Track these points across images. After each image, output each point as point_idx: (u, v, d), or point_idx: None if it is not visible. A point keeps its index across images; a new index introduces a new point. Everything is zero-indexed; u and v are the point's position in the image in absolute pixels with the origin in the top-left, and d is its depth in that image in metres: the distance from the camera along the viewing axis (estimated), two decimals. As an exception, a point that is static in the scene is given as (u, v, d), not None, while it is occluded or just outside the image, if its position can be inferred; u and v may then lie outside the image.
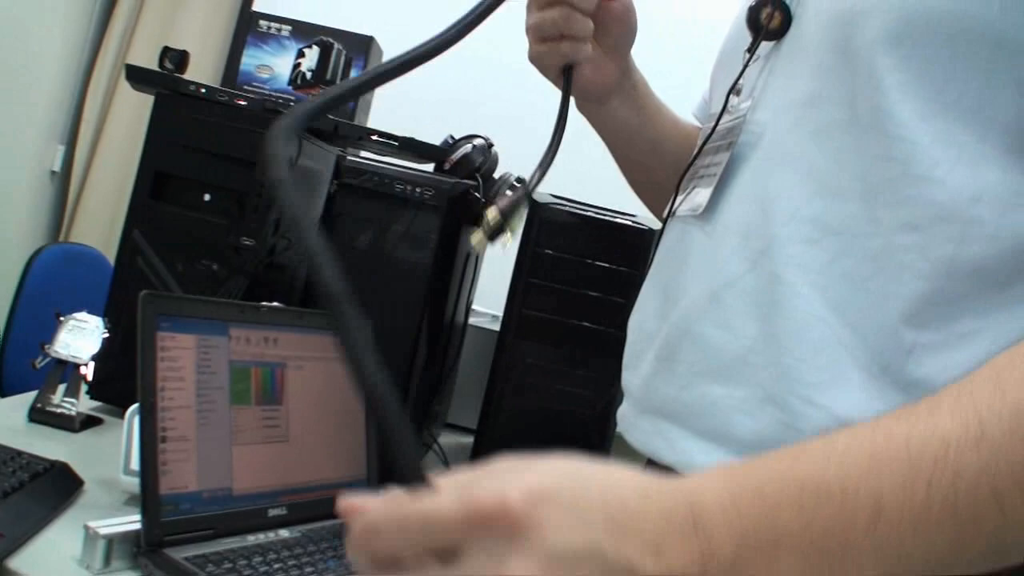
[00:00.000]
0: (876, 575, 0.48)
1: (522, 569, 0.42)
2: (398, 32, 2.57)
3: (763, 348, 0.72)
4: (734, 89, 0.83)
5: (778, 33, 0.79)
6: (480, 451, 1.42)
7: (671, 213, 0.89)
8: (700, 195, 0.82)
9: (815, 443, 0.50)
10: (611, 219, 1.39)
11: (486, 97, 2.96)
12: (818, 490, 0.47)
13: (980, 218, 0.63)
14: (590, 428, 1.38)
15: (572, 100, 1.00)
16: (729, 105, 0.84)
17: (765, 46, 0.81)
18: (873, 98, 0.67)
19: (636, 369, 0.87)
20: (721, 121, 0.84)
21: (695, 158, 0.87)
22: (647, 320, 0.87)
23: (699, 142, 0.88)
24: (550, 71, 1.00)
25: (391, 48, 2.00)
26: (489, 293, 1.84)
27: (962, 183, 0.64)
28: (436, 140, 1.59)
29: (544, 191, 1.49)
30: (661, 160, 1.03)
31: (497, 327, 1.94)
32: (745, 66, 0.82)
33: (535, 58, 0.99)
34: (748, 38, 0.81)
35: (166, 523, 0.94)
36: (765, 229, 0.73)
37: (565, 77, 0.99)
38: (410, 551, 0.44)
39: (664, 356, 0.81)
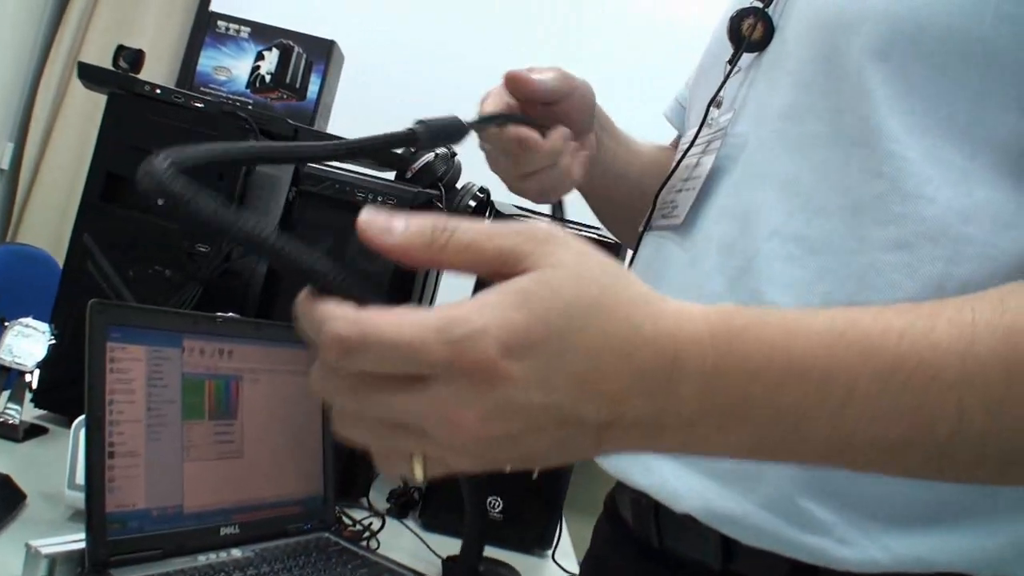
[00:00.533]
0: (813, 455, 0.49)
1: (476, 414, 0.43)
2: (360, 36, 2.55)
3: None
4: (714, 101, 0.81)
5: (760, 44, 0.77)
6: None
7: (647, 227, 0.87)
8: (678, 209, 0.80)
9: (818, 320, 0.49)
10: (575, 232, 1.37)
11: (450, 105, 2.93)
12: (801, 371, 0.47)
13: (970, 237, 0.62)
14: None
15: None
16: (709, 118, 0.81)
17: (747, 58, 0.79)
18: (861, 111, 0.66)
19: None
20: (701, 134, 0.82)
21: (673, 171, 0.85)
22: None
23: (677, 156, 0.86)
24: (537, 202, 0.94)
25: (353, 53, 1.97)
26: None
27: (953, 201, 0.62)
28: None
29: (507, 203, 1.47)
30: (642, 195, 1.00)
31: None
32: (726, 78, 0.80)
33: (521, 195, 0.92)
34: (729, 49, 0.79)
35: (112, 542, 0.90)
36: (746, 245, 0.71)
37: (556, 209, 0.93)
38: (378, 371, 0.44)
39: None
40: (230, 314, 1.12)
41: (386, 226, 0.45)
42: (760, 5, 0.77)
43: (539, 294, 0.43)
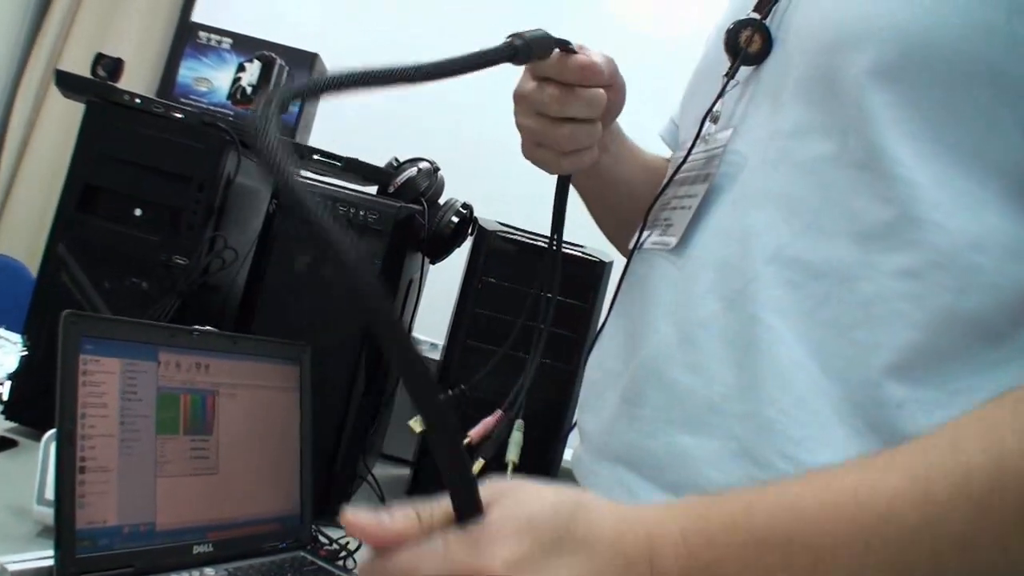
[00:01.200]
0: None
1: None
2: (343, 49, 2.53)
3: (739, 396, 0.68)
4: (711, 116, 0.79)
5: (758, 57, 0.75)
6: (418, 485, 1.37)
7: (638, 246, 0.85)
8: (673, 228, 0.78)
9: (772, 491, 0.51)
10: (565, 248, 1.35)
11: (435, 118, 2.92)
12: (764, 542, 0.48)
13: (980, 266, 0.60)
14: (533, 465, 1.34)
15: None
16: (705, 133, 0.80)
17: (744, 71, 0.77)
18: (866, 134, 0.64)
19: (596, 411, 0.82)
20: (696, 150, 0.80)
21: (665, 187, 0.83)
22: (609, 359, 0.83)
23: (670, 171, 0.84)
24: (549, 170, 0.90)
25: (335, 65, 1.95)
26: (428, 320, 1.80)
27: (963, 228, 0.61)
28: (380, 162, 1.54)
29: (492, 218, 1.45)
30: (637, 200, 0.98)
31: (436, 355, 1.89)
32: (722, 91, 0.78)
33: (535, 161, 0.89)
34: (725, 63, 0.77)
35: (82, 559, 0.88)
36: (744, 266, 0.69)
37: (560, 184, 0.89)
38: None
39: (628, 399, 0.76)
40: (207, 327, 1.09)
41: (377, 519, 0.50)
42: (758, 17, 0.75)
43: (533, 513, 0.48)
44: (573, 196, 1.06)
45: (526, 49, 0.72)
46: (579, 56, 0.81)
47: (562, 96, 0.82)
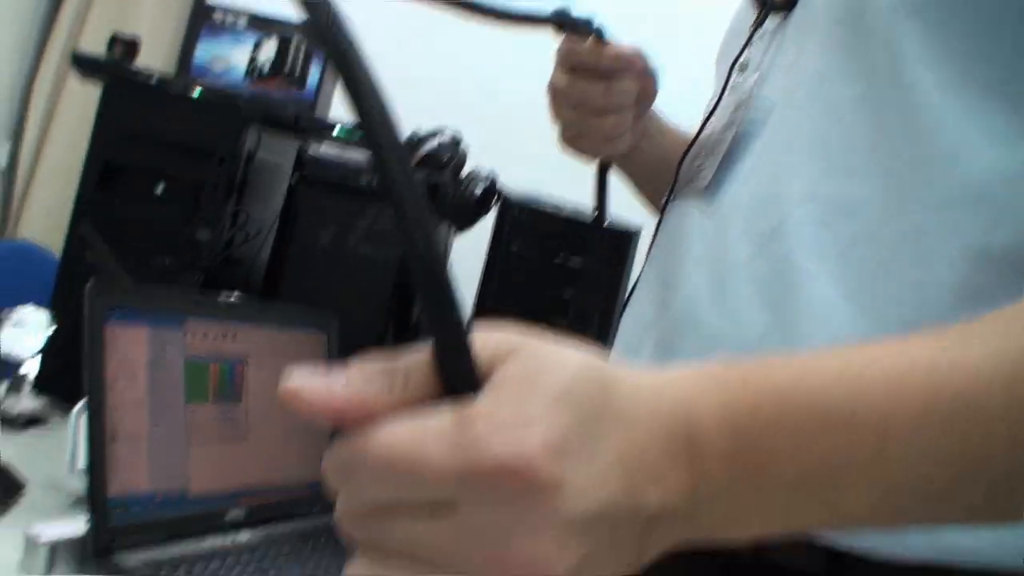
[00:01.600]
0: (859, 512, 0.43)
1: (532, 543, 0.36)
2: (358, 23, 2.51)
3: (775, 340, 0.67)
4: (738, 64, 0.79)
5: (787, 5, 0.75)
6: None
7: (671, 196, 0.85)
8: (704, 172, 0.78)
9: (828, 357, 0.44)
10: (587, 220, 1.35)
11: (452, 90, 2.91)
12: (822, 417, 0.41)
13: (1011, 202, 0.59)
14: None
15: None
16: (733, 81, 0.79)
17: (772, 21, 0.77)
18: (893, 70, 0.63)
19: (631, 363, 0.82)
20: (724, 97, 0.80)
21: (696, 137, 0.83)
22: (644, 310, 0.82)
23: (700, 121, 0.84)
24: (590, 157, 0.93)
25: (353, 40, 1.95)
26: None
27: (992, 162, 0.60)
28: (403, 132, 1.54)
29: (519, 187, 1.45)
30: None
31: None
32: (749, 39, 0.77)
33: (576, 149, 0.91)
34: (754, 15, 0.77)
35: (115, 527, 0.88)
36: (775, 209, 0.68)
37: (601, 173, 0.93)
38: (391, 499, 0.38)
39: (663, 347, 0.76)
40: (236, 293, 1.10)
41: (323, 385, 0.38)
42: None
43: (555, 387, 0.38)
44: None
45: (572, 22, 0.75)
46: (614, 46, 0.82)
47: (605, 88, 0.84)
